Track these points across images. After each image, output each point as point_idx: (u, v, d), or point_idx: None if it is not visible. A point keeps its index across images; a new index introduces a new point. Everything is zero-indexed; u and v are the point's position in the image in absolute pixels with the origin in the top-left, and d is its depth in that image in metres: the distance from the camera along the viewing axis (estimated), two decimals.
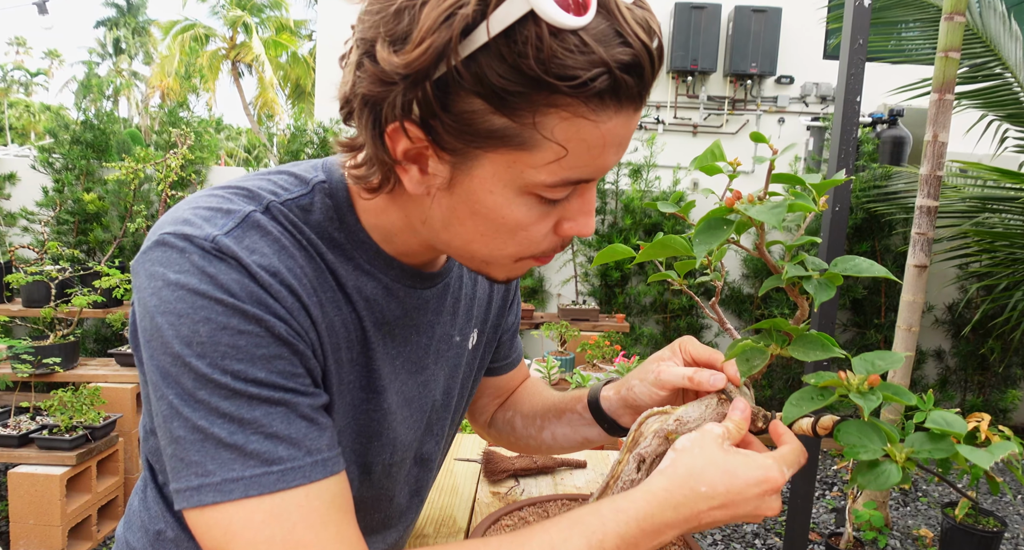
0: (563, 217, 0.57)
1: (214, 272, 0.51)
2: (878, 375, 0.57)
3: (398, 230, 0.63)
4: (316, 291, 0.58)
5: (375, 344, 0.64)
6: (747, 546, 2.89)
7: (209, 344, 0.50)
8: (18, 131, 22.16)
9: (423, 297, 0.69)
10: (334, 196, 0.61)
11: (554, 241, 0.59)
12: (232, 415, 0.51)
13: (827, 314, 1.95)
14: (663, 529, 0.57)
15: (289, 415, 0.52)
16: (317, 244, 0.59)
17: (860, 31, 1.89)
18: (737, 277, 4.43)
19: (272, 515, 0.50)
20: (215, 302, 0.51)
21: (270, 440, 0.51)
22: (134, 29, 28.52)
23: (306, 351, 0.56)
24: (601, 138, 0.50)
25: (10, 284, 3.05)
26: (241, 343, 0.51)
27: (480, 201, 0.53)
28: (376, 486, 0.69)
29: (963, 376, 4.41)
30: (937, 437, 0.56)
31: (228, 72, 22.75)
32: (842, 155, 1.94)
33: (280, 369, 0.53)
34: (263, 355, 0.52)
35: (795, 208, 0.54)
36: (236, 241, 0.53)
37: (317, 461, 0.53)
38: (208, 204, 0.56)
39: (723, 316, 0.70)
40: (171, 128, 4.45)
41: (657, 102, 5.97)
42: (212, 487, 0.50)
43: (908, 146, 4.43)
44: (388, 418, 0.67)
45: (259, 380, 0.52)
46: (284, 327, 0.54)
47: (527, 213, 0.54)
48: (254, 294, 0.52)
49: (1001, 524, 2.61)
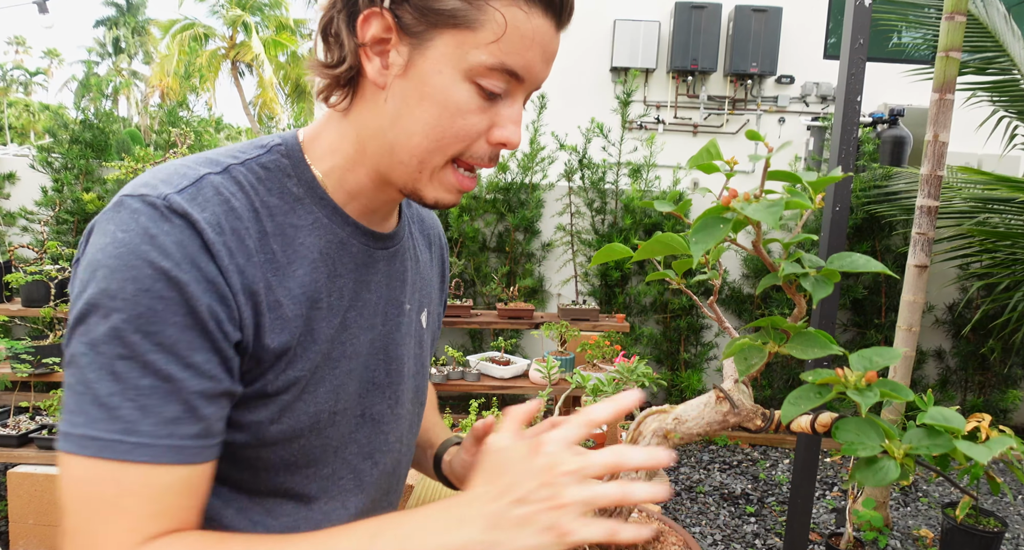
0: (494, 123, 0.64)
1: (156, 232, 0.56)
2: (875, 372, 0.57)
3: (350, 165, 0.68)
4: (261, 250, 0.62)
5: (325, 296, 0.68)
6: (747, 546, 2.89)
7: (130, 301, 0.54)
8: (17, 130, 22.17)
9: (375, 256, 0.73)
10: (290, 156, 0.68)
11: (484, 148, 0.65)
12: (120, 376, 0.54)
13: (826, 313, 1.95)
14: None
15: (171, 394, 0.56)
16: (274, 203, 0.65)
17: (860, 31, 1.89)
18: (737, 277, 4.43)
19: (110, 479, 0.54)
20: (147, 264, 0.55)
21: (141, 412, 0.55)
22: (134, 28, 28.54)
23: (220, 330, 0.58)
24: (531, 32, 0.61)
25: (9, 284, 3.05)
26: (159, 308, 0.55)
27: (429, 81, 0.61)
28: (323, 435, 0.71)
29: (963, 376, 4.41)
30: (935, 433, 0.56)
31: (228, 72, 22.76)
32: (842, 155, 1.94)
33: (188, 343, 0.56)
34: (175, 323, 0.55)
35: (791, 206, 0.54)
36: (189, 199, 0.58)
37: (174, 446, 0.56)
38: (169, 168, 0.62)
39: (722, 315, 0.70)
40: (171, 128, 4.45)
41: (657, 102, 5.97)
42: (74, 438, 0.54)
43: (908, 146, 4.43)
44: (333, 367, 0.69)
45: (163, 348, 0.55)
46: (208, 299, 0.57)
47: (467, 99, 0.62)
48: (191, 256, 0.56)
49: (1001, 524, 2.60)
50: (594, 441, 2.20)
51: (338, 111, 0.68)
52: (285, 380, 0.65)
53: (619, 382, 2.20)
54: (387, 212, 0.75)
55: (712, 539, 2.93)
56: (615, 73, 5.92)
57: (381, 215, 0.74)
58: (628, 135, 4.69)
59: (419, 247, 0.85)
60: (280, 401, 0.65)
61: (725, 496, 3.39)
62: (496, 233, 4.45)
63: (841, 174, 0.59)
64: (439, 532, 0.54)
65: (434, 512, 0.56)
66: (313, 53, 0.69)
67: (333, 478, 0.74)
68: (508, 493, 0.53)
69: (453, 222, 4.21)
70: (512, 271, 4.41)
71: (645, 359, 2.38)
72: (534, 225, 4.42)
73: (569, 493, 0.52)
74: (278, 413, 0.65)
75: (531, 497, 0.52)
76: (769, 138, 0.98)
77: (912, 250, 2.77)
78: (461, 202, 4.21)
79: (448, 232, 4.30)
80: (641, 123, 5.95)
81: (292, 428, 0.67)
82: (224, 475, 0.67)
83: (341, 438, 0.73)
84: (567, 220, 4.41)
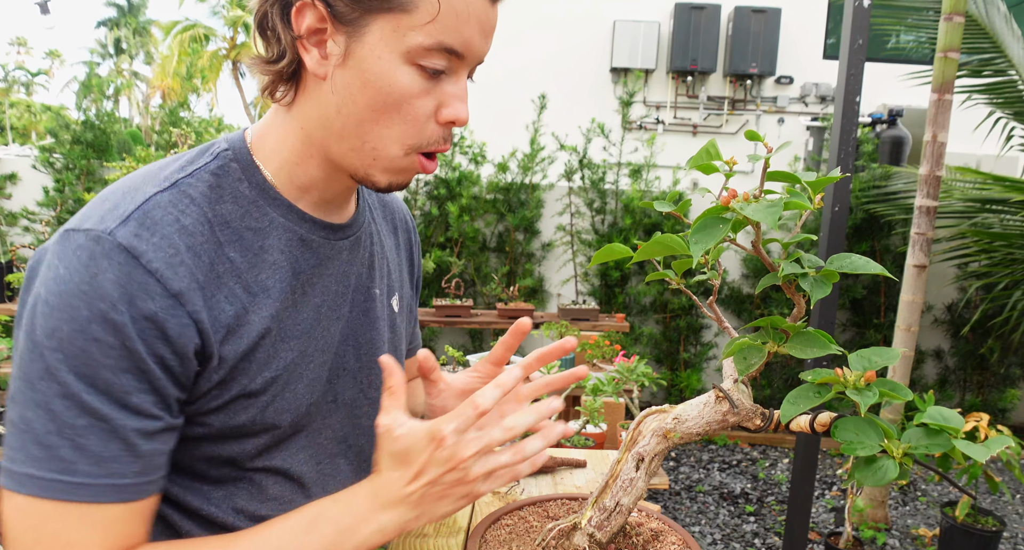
0: (441, 103, 0.64)
1: (96, 271, 0.55)
2: (874, 372, 0.57)
3: (298, 159, 0.68)
4: (220, 261, 0.62)
5: (291, 294, 0.68)
6: (747, 546, 2.89)
7: (66, 342, 0.55)
8: (19, 131, 22.17)
9: (337, 248, 0.74)
10: (238, 159, 0.68)
11: (436, 130, 0.65)
12: (57, 415, 0.55)
13: (826, 313, 1.95)
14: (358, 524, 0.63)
15: (109, 435, 0.56)
16: (228, 210, 0.65)
17: (860, 31, 1.90)
18: (737, 277, 4.43)
19: (54, 516, 0.56)
20: (85, 305, 0.55)
21: (79, 452, 0.55)
22: (135, 29, 28.53)
23: (159, 368, 0.58)
24: (466, 8, 0.60)
25: (11, 284, 3.06)
26: (93, 350, 0.55)
27: (370, 68, 0.61)
28: (300, 424, 0.73)
29: (962, 376, 4.41)
30: (934, 432, 0.57)
31: (229, 72, 22.76)
32: (841, 155, 1.94)
33: (123, 385, 0.56)
34: (111, 366, 0.55)
35: (791, 206, 0.55)
36: (134, 229, 0.58)
37: (113, 485, 0.57)
38: (117, 193, 0.61)
39: (721, 315, 0.70)
40: (172, 128, 4.46)
41: (657, 102, 5.98)
42: (13, 475, 0.55)
43: (907, 146, 4.44)
44: (309, 361, 0.71)
45: (98, 388, 0.55)
46: (147, 337, 0.57)
47: (410, 82, 0.62)
48: (130, 295, 0.56)
49: (1000, 524, 2.61)
50: (594, 441, 2.20)
51: (283, 106, 0.68)
52: (263, 381, 0.66)
53: (619, 382, 2.20)
54: (342, 202, 0.75)
55: (711, 538, 2.94)
56: (615, 74, 5.92)
57: (336, 205, 0.74)
58: (628, 135, 4.69)
59: (382, 232, 0.85)
60: (260, 401, 0.67)
61: (724, 495, 3.40)
62: (496, 233, 4.46)
63: (840, 174, 0.60)
64: (373, 518, 0.62)
65: (360, 500, 0.63)
66: (252, 49, 0.68)
67: (311, 463, 0.75)
68: (421, 477, 0.61)
69: (453, 222, 4.22)
70: (512, 271, 4.42)
71: (645, 359, 2.38)
72: (534, 225, 4.42)
73: (474, 470, 0.61)
74: (260, 412, 0.67)
75: (442, 480, 0.61)
76: (768, 138, 0.99)
77: (911, 250, 2.77)
78: (461, 202, 4.23)
79: (448, 232, 4.31)
80: (641, 123, 5.95)
81: (274, 423, 0.69)
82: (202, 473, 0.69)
83: (315, 425, 0.75)
84: (567, 220, 4.42)
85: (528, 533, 0.81)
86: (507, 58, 6.04)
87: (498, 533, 0.81)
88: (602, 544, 0.72)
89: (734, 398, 0.67)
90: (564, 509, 0.87)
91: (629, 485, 0.72)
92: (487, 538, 0.79)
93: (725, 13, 5.73)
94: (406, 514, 0.62)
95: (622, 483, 0.72)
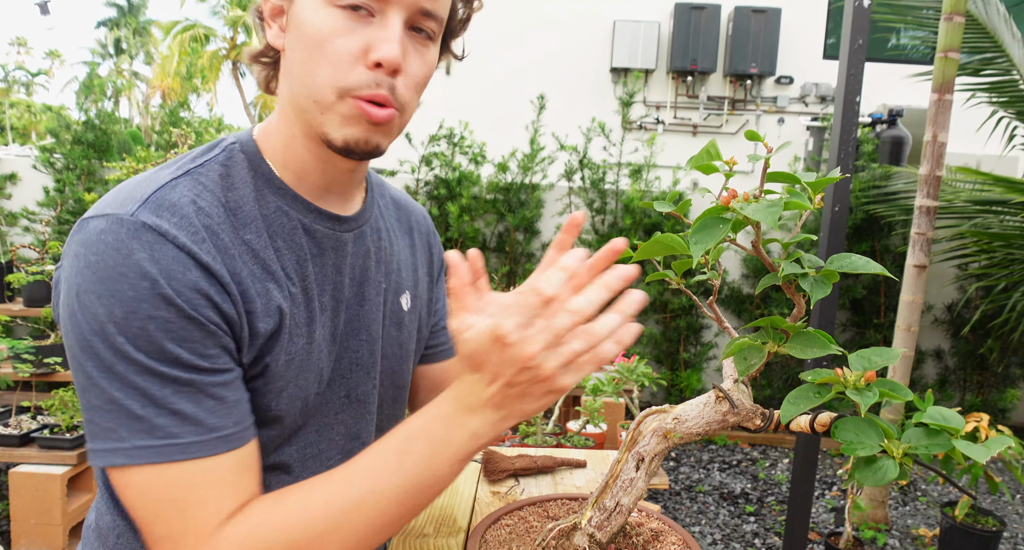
0: (368, 45, 0.62)
1: (127, 252, 0.56)
2: (874, 372, 0.58)
3: (286, 140, 0.69)
4: (236, 244, 0.64)
5: (299, 281, 0.69)
6: (747, 545, 2.89)
7: (123, 324, 0.56)
8: (19, 131, 22.16)
9: (341, 239, 0.74)
10: (245, 151, 0.69)
11: (365, 73, 0.63)
12: (144, 390, 0.56)
13: (826, 313, 1.95)
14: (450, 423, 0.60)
15: (196, 395, 0.58)
16: (237, 198, 0.66)
17: (860, 31, 1.90)
18: (737, 277, 4.43)
19: (174, 480, 0.57)
20: (129, 286, 0.56)
21: (175, 416, 0.57)
22: (135, 29, 28.53)
23: (217, 328, 0.60)
24: None
25: (11, 284, 3.06)
26: (151, 328, 0.56)
27: (300, 20, 0.63)
28: (309, 416, 0.73)
29: (962, 376, 4.41)
30: (934, 432, 0.57)
31: (229, 72, 22.75)
32: (841, 155, 1.94)
33: (190, 350, 0.58)
34: (173, 338, 0.57)
35: (791, 206, 0.55)
36: (154, 209, 0.59)
37: (219, 437, 0.59)
38: (130, 185, 0.63)
39: (721, 315, 0.71)
40: (172, 128, 4.46)
41: (657, 102, 5.97)
42: (123, 451, 0.57)
43: (907, 146, 4.44)
44: (318, 350, 0.71)
45: (169, 360, 0.57)
46: (195, 303, 0.58)
47: (330, 22, 0.61)
48: (167, 269, 0.57)
49: (1000, 524, 2.61)
50: (594, 441, 2.21)
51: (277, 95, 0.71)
52: (281, 365, 0.67)
53: (619, 382, 2.20)
54: (343, 191, 0.75)
55: (711, 538, 2.94)
56: (615, 74, 5.92)
57: (338, 194, 0.75)
58: (628, 135, 4.69)
59: (394, 231, 0.85)
60: (277, 386, 0.67)
61: (724, 495, 3.40)
62: (496, 233, 4.46)
63: (840, 175, 0.60)
64: (462, 424, 0.60)
65: (447, 408, 0.61)
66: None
67: (321, 458, 0.75)
68: (497, 380, 0.57)
69: (453, 222, 4.22)
70: (512, 271, 4.42)
71: (645, 359, 2.38)
72: (534, 225, 4.42)
73: (548, 367, 0.56)
74: (276, 397, 0.68)
75: (517, 379, 0.56)
76: (768, 138, 0.99)
77: (911, 250, 2.77)
78: (461, 202, 4.23)
79: (448, 232, 4.30)
80: (641, 123, 5.95)
81: (287, 412, 0.69)
82: None
83: (327, 419, 0.75)
84: (567, 220, 4.42)
85: (528, 533, 0.81)
86: (507, 58, 6.04)
87: (498, 533, 0.81)
88: (602, 544, 0.72)
89: (734, 398, 0.67)
90: (564, 509, 0.87)
91: (629, 485, 0.72)
92: (487, 538, 0.79)
93: (725, 13, 5.73)
94: (492, 416, 0.59)
95: (622, 483, 0.72)
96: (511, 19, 6.08)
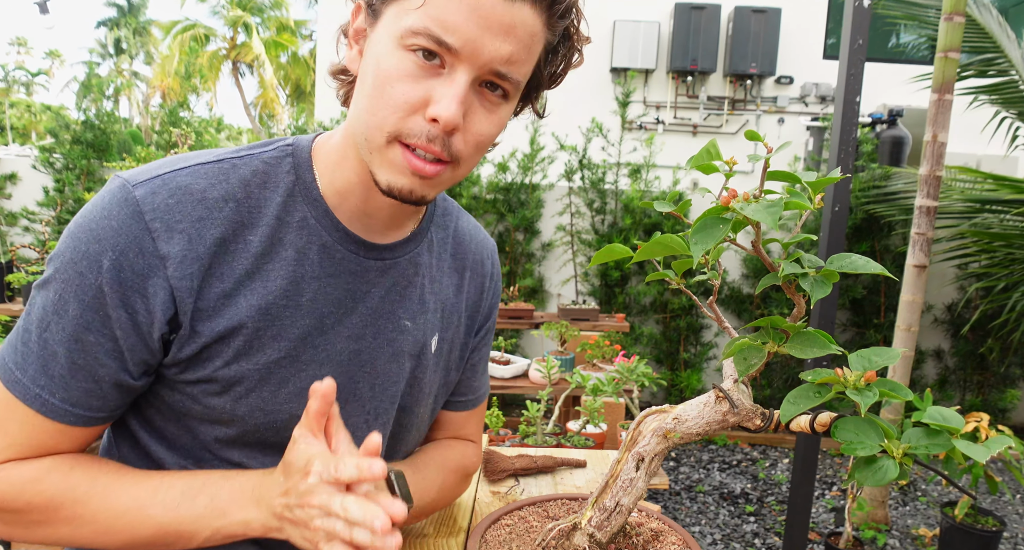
0: (430, 97, 0.61)
1: (106, 215, 0.61)
2: (874, 372, 0.57)
3: (339, 159, 0.69)
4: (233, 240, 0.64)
5: (296, 296, 0.68)
6: (747, 545, 2.89)
7: (64, 265, 0.61)
8: (19, 131, 22.15)
9: (363, 265, 0.72)
10: (296, 155, 0.69)
11: (420, 123, 0.61)
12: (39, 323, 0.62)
13: (826, 313, 1.95)
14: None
15: (54, 358, 0.62)
16: (263, 196, 0.66)
17: (860, 31, 1.90)
18: (737, 277, 4.43)
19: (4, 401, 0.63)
20: (85, 240, 0.61)
21: (37, 361, 0.62)
22: (135, 29, 28.52)
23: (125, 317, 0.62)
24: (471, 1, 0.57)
25: (11, 284, 3.06)
26: (75, 282, 0.61)
27: (373, 53, 0.62)
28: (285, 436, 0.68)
29: (962, 376, 4.41)
30: (934, 432, 0.57)
31: (229, 72, 22.76)
32: (841, 155, 1.94)
33: (84, 321, 0.61)
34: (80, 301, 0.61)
35: (791, 206, 0.55)
36: (152, 187, 0.62)
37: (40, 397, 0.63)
38: (177, 156, 0.66)
39: (721, 315, 0.70)
40: (172, 128, 4.46)
41: (657, 102, 5.97)
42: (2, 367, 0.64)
43: (907, 146, 4.44)
44: (300, 369, 0.69)
45: (65, 315, 0.61)
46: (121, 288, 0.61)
47: (398, 64, 0.60)
48: (122, 245, 0.60)
49: (1000, 524, 2.61)
50: (594, 441, 2.21)
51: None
52: (237, 370, 0.66)
53: (619, 382, 2.20)
54: (386, 220, 0.72)
55: (711, 538, 2.94)
56: (615, 73, 5.92)
57: (379, 222, 0.72)
58: (628, 135, 4.69)
59: (441, 269, 0.81)
60: (234, 392, 0.67)
61: (724, 495, 3.40)
62: (496, 233, 4.46)
63: (840, 174, 0.60)
64: (243, 507, 0.64)
65: (243, 485, 0.65)
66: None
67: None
68: (289, 495, 0.61)
69: None
70: (512, 271, 4.42)
71: (645, 359, 2.38)
72: (534, 225, 4.42)
73: (315, 523, 0.59)
74: (232, 403, 0.67)
75: (296, 510, 0.60)
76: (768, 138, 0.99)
77: (911, 250, 2.77)
78: (461, 202, 4.22)
79: None
80: (641, 123, 5.95)
81: (247, 420, 0.68)
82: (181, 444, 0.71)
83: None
84: (567, 220, 4.42)
85: (528, 533, 0.81)
86: None
87: (498, 533, 0.81)
88: (602, 544, 0.72)
89: (734, 398, 0.67)
90: (564, 509, 0.87)
91: (629, 485, 0.72)
92: (487, 538, 0.79)
93: (725, 13, 5.73)
94: (270, 520, 0.63)
95: (622, 483, 0.72)
96: None
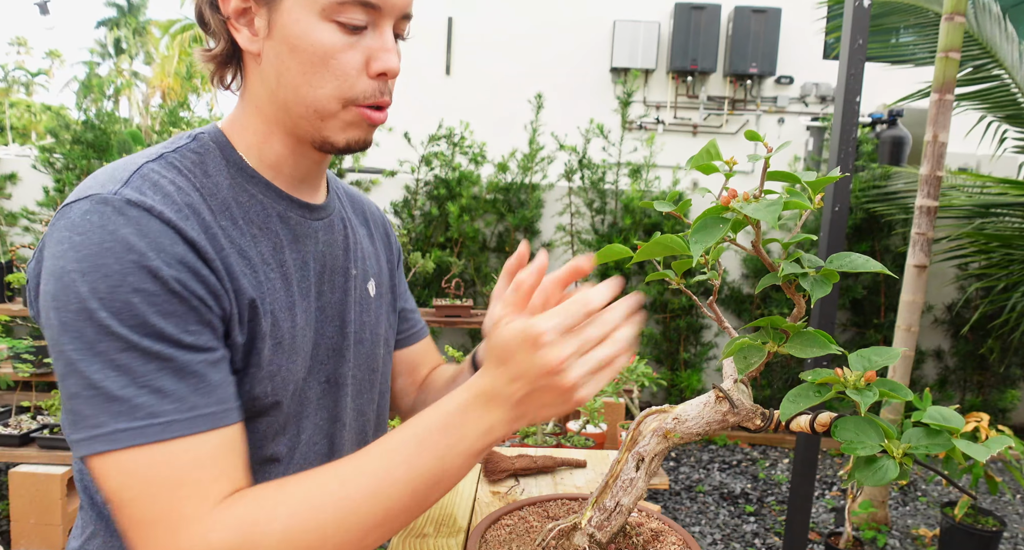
0: (369, 56, 0.66)
1: (113, 228, 0.56)
2: (874, 371, 0.57)
3: (262, 137, 0.71)
4: (217, 224, 0.64)
5: (276, 268, 0.70)
6: (746, 545, 2.89)
7: (108, 299, 0.55)
8: (19, 131, 22.15)
9: (313, 227, 0.76)
10: (215, 140, 0.71)
11: (369, 84, 0.67)
12: (125, 367, 0.55)
13: (826, 313, 1.95)
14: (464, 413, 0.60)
15: (179, 372, 0.57)
16: (212, 183, 0.67)
17: (859, 31, 1.90)
18: (737, 277, 4.43)
19: (157, 462, 0.55)
20: (114, 260, 0.56)
21: (157, 394, 0.56)
22: (135, 29, 28.52)
23: (201, 303, 0.60)
24: None
25: (11, 284, 3.06)
26: (136, 301, 0.56)
27: (292, 33, 0.64)
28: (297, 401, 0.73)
29: (962, 376, 4.41)
30: (934, 432, 0.57)
31: None
32: (842, 155, 1.94)
33: (174, 324, 0.57)
34: (159, 312, 0.57)
35: (791, 206, 0.55)
36: (136, 188, 0.60)
37: (200, 415, 0.57)
38: (105, 171, 0.64)
39: (721, 315, 0.70)
40: (172, 128, 4.46)
41: (657, 102, 5.98)
42: (103, 437, 0.55)
43: (907, 146, 4.44)
44: (301, 335, 0.72)
45: (153, 334, 0.56)
46: (182, 278, 0.58)
47: (331, 38, 0.64)
48: (154, 241, 0.57)
49: (1000, 524, 2.61)
50: (594, 441, 2.20)
51: (238, 92, 0.72)
52: (273, 344, 0.68)
53: (619, 382, 2.20)
54: (314, 182, 0.77)
55: (711, 538, 2.94)
56: (615, 73, 5.92)
57: (309, 185, 0.76)
58: (628, 135, 4.69)
59: (354, 220, 0.88)
60: (269, 370, 0.68)
61: (724, 495, 3.39)
62: (496, 233, 4.45)
63: (840, 174, 0.60)
64: (478, 418, 0.60)
65: (461, 403, 0.61)
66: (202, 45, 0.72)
67: (309, 444, 0.76)
68: (520, 379, 0.57)
69: (453, 222, 4.21)
70: None
71: (645, 359, 2.38)
72: (534, 225, 4.42)
73: (571, 376, 0.56)
74: (270, 380, 0.68)
75: (539, 384, 0.57)
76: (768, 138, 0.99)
77: (911, 250, 2.77)
78: (461, 202, 4.23)
79: (448, 232, 4.30)
80: (641, 123, 5.95)
81: (281, 395, 0.70)
82: None
83: (312, 405, 0.76)
84: (567, 220, 4.41)
85: (528, 533, 0.81)
86: (507, 59, 6.04)
87: (498, 533, 0.81)
88: (602, 544, 0.72)
89: (734, 398, 0.67)
90: (564, 509, 0.87)
91: (629, 485, 0.72)
92: (487, 538, 0.79)
93: (725, 13, 5.73)
94: (509, 413, 0.59)
95: (622, 483, 0.72)
96: (512, 19, 6.08)
